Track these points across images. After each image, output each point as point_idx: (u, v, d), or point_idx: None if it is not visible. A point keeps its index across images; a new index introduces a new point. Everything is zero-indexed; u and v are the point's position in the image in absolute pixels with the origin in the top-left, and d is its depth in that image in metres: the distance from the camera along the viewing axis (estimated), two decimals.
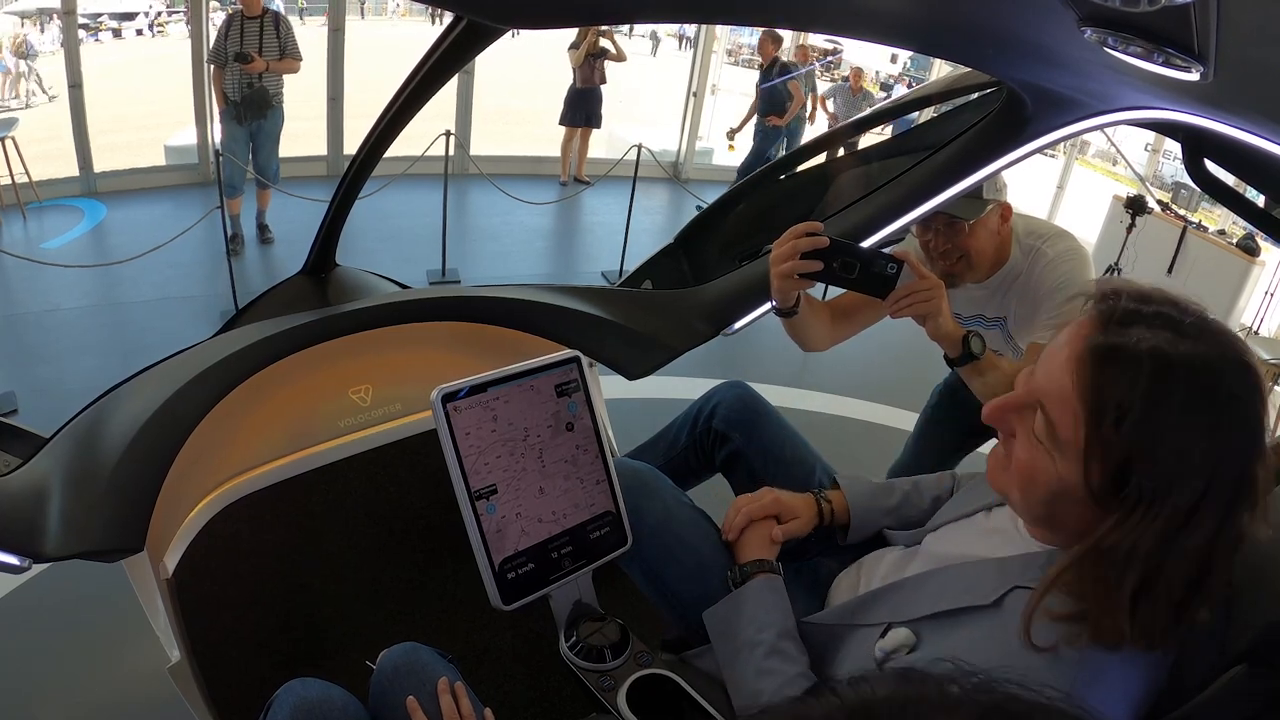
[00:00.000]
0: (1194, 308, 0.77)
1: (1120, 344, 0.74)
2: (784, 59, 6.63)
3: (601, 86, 6.85)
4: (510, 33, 1.21)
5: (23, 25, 11.48)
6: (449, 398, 1.00)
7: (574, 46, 6.73)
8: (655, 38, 19.15)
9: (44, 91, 10.56)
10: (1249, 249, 5.78)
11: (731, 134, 6.75)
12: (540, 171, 7.49)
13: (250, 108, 4.73)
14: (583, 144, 7.21)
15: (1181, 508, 0.71)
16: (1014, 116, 1.45)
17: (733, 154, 6.55)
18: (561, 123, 7.03)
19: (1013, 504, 0.85)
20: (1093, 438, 0.74)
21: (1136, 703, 0.78)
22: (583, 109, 6.88)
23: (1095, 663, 0.76)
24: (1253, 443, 0.73)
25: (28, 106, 10.08)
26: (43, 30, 11.72)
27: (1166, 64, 0.74)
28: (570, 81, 6.85)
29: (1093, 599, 0.74)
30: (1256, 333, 5.80)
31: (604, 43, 6.67)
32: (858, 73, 7.44)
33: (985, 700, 0.35)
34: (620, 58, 6.82)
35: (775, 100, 6.54)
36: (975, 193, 1.63)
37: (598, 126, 7.07)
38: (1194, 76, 0.75)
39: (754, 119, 6.84)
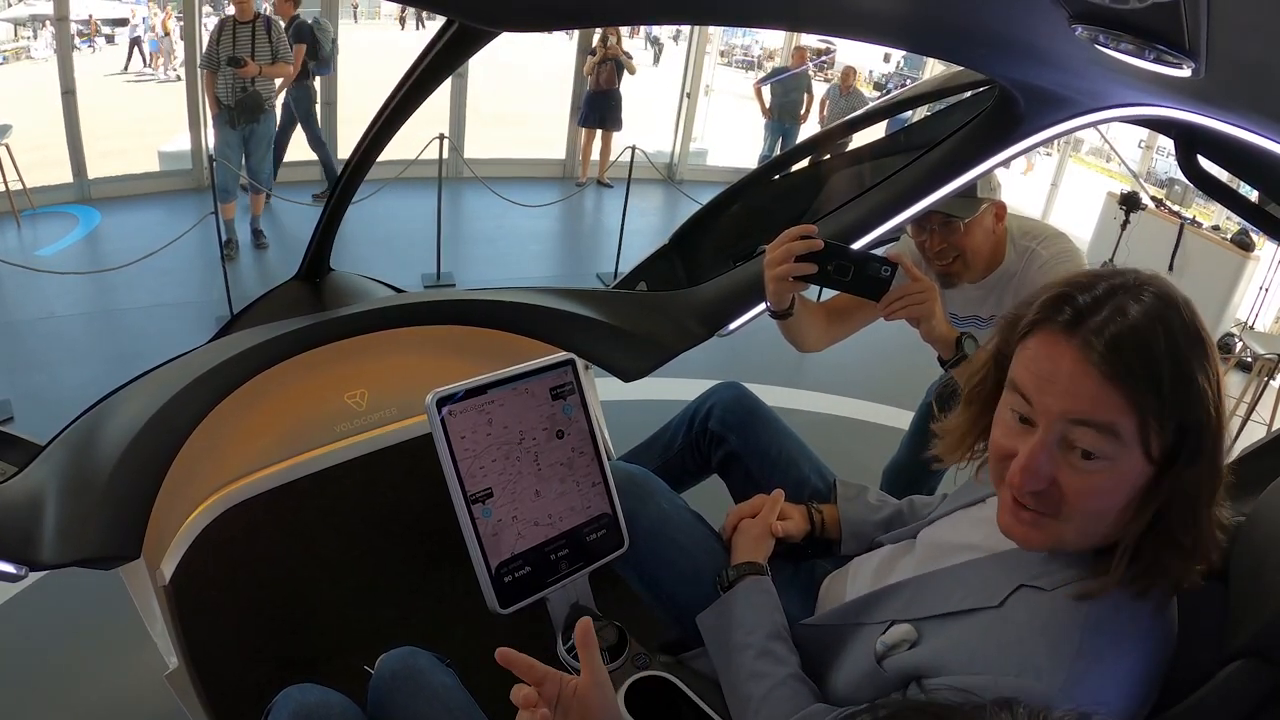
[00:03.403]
0: (1118, 270, 0.83)
1: (1112, 328, 0.76)
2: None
3: (618, 89, 6.96)
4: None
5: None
6: (444, 401, 1.00)
7: (591, 52, 6.88)
8: (658, 43, 18.93)
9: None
10: (1243, 244, 5.79)
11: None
12: (535, 174, 7.50)
13: (243, 112, 4.73)
14: (604, 146, 7.29)
15: (1210, 427, 0.77)
16: (1007, 115, 1.45)
17: None
18: (580, 124, 7.20)
19: (1065, 543, 0.83)
20: (1145, 414, 0.75)
21: (1142, 675, 0.78)
22: (596, 111, 7.00)
23: (1095, 625, 0.77)
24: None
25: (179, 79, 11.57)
26: (35, 36, 11.74)
27: (1157, 60, 0.74)
28: (586, 85, 6.98)
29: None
30: (1252, 327, 5.81)
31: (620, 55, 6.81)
32: (849, 72, 7.44)
33: None
34: (630, 70, 6.95)
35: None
36: (969, 191, 1.63)
37: (617, 129, 7.14)
38: (1185, 73, 0.75)
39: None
